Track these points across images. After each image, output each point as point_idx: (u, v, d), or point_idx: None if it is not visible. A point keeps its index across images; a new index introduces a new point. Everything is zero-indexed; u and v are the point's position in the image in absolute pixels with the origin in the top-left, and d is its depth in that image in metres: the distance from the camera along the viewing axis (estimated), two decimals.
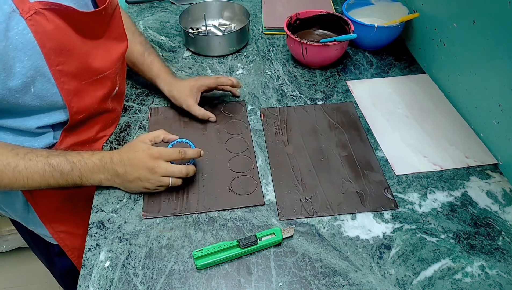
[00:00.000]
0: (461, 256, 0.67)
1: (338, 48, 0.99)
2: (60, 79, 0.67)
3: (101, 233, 0.70)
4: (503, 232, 0.70)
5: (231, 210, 0.73)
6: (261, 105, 0.94)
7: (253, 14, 1.25)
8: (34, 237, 0.93)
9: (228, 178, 0.78)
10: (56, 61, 0.65)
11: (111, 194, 0.75)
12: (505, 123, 0.78)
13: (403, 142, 0.85)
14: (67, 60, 0.67)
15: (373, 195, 0.75)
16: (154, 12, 1.27)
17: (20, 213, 0.84)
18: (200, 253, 0.64)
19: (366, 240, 0.69)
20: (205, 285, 0.63)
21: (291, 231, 0.68)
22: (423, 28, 1.03)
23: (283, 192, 0.76)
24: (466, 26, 0.86)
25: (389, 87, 0.99)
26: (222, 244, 0.65)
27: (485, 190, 0.76)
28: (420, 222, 0.71)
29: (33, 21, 0.59)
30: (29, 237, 0.96)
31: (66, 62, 0.67)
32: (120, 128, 0.88)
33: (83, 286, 0.62)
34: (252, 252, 0.66)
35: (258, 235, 0.67)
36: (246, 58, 1.08)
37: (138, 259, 0.66)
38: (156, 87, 0.93)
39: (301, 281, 0.63)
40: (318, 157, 0.82)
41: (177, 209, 0.73)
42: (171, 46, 1.12)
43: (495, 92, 0.79)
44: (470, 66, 0.86)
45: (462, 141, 0.85)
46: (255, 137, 0.86)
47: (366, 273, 0.64)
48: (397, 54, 1.09)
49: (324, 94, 0.97)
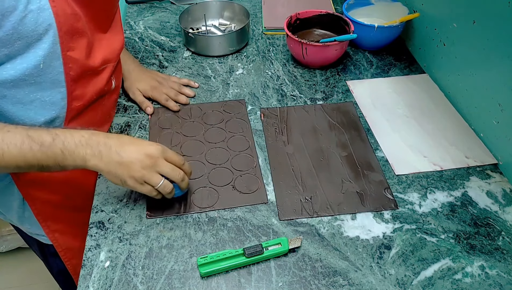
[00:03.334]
0: (461, 256, 0.67)
1: (338, 48, 0.99)
2: (68, 64, 0.67)
3: (101, 233, 0.70)
4: (503, 232, 0.70)
5: (231, 210, 0.73)
6: (261, 105, 0.94)
7: (253, 14, 1.25)
8: (29, 238, 0.93)
9: (230, 176, 0.78)
10: (67, 46, 0.65)
11: (111, 194, 0.75)
12: (505, 123, 0.78)
13: (403, 142, 0.85)
14: (77, 47, 0.68)
15: (373, 195, 0.75)
16: (154, 12, 1.27)
17: (16, 212, 0.83)
18: (205, 260, 0.63)
19: (366, 240, 0.69)
20: (205, 285, 0.63)
21: (299, 242, 0.67)
22: (423, 28, 1.03)
23: (283, 192, 0.76)
24: (466, 26, 0.86)
25: (389, 87, 0.99)
26: (227, 252, 0.64)
27: (485, 190, 0.76)
28: (420, 222, 0.71)
29: (55, 2, 0.60)
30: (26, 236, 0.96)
31: (76, 48, 0.67)
32: (120, 128, 0.88)
33: (83, 286, 0.62)
34: (257, 261, 0.66)
35: (264, 244, 0.65)
36: (246, 58, 1.08)
37: (138, 259, 0.66)
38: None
39: (301, 281, 0.63)
40: (318, 157, 0.82)
41: (181, 209, 0.73)
42: (171, 46, 1.12)
43: (495, 92, 0.79)
44: (470, 66, 0.86)
45: (462, 141, 0.85)
46: (255, 137, 0.86)
47: (366, 273, 0.64)
48: (397, 54, 1.09)
49: (324, 94, 0.97)
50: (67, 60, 0.66)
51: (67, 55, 0.66)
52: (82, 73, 0.71)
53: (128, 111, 0.92)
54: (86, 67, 0.71)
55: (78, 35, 0.67)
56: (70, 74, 0.68)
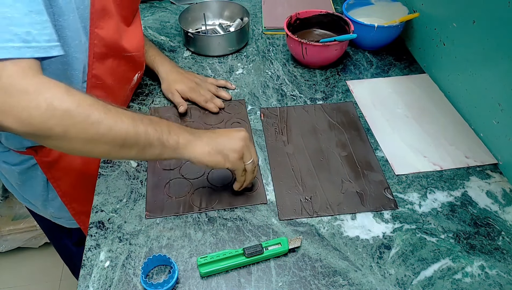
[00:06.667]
0: (461, 256, 0.67)
1: (338, 48, 0.99)
2: (93, 40, 0.71)
3: (101, 233, 0.70)
4: (503, 232, 0.70)
5: (231, 210, 0.73)
6: (261, 105, 0.94)
7: (253, 14, 1.25)
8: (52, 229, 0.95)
9: (230, 176, 0.78)
10: (96, 23, 0.69)
11: (111, 194, 0.75)
12: (505, 123, 0.78)
13: (403, 142, 0.85)
14: (105, 27, 0.71)
15: (373, 195, 0.75)
16: (154, 12, 1.27)
17: (40, 196, 0.85)
18: (204, 260, 0.63)
19: (366, 240, 0.69)
20: (205, 285, 0.63)
21: (298, 242, 0.67)
22: (423, 28, 1.03)
23: (283, 192, 0.76)
24: (466, 26, 0.86)
25: (389, 87, 0.99)
26: (226, 252, 0.64)
27: (485, 190, 0.76)
28: (420, 222, 0.71)
29: None
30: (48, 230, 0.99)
31: (104, 27, 0.71)
32: None
33: (83, 286, 0.63)
34: (257, 261, 0.66)
35: (264, 244, 0.65)
36: (246, 58, 1.08)
37: (138, 259, 0.66)
38: (155, 87, 0.94)
39: (301, 281, 0.63)
40: (318, 157, 0.82)
41: (180, 209, 0.73)
42: (171, 46, 1.12)
43: (495, 92, 0.79)
44: (470, 66, 0.86)
45: (462, 141, 0.85)
46: (255, 137, 0.86)
47: (366, 273, 0.64)
48: (397, 54, 1.09)
49: (324, 94, 0.97)
50: (93, 36, 0.70)
51: (94, 31, 0.70)
52: (107, 52, 0.75)
53: None
54: (111, 48, 0.75)
55: (108, 17, 0.71)
56: (94, 50, 0.72)
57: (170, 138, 0.62)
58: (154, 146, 0.61)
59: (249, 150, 0.69)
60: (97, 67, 0.75)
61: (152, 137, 0.60)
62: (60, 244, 1.06)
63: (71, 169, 0.84)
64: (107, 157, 0.75)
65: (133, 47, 0.81)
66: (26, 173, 0.83)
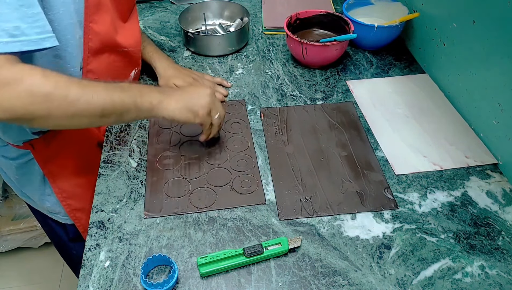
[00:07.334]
0: (461, 256, 0.67)
1: (338, 48, 0.99)
2: (88, 35, 0.71)
3: (101, 233, 0.70)
4: (503, 232, 0.70)
5: (231, 210, 0.73)
6: (261, 105, 0.94)
7: (253, 14, 1.25)
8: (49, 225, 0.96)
9: (229, 176, 0.78)
10: (91, 18, 0.70)
11: (111, 194, 0.75)
12: (505, 123, 0.78)
13: (403, 142, 0.85)
14: (100, 21, 0.72)
15: (373, 195, 0.75)
16: (154, 12, 1.27)
17: (37, 190, 0.86)
18: (204, 260, 0.63)
19: (366, 240, 0.69)
20: (205, 285, 0.63)
21: (298, 242, 0.67)
22: (423, 28, 1.03)
23: (283, 192, 0.76)
24: (466, 26, 0.86)
25: (389, 87, 0.99)
26: (226, 252, 0.64)
27: (485, 190, 0.76)
28: (420, 222, 0.71)
29: None
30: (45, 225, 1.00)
31: (99, 22, 0.72)
32: (120, 128, 0.88)
33: (83, 286, 0.62)
34: (257, 261, 0.66)
35: (264, 244, 0.66)
36: (246, 58, 1.08)
37: (138, 259, 0.66)
38: (154, 84, 0.95)
39: (301, 281, 0.63)
40: (318, 157, 0.82)
41: (179, 208, 0.73)
42: (171, 46, 1.12)
43: (495, 92, 0.79)
44: (470, 66, 0.86)
45: (462, 141, 0.85)
46: (255, 137, 0.86)
47: (366, 273, 0.64)
48: (397, 54, 1.09)
49: (324, 94, 0.97)
50: (88, 30, 0.71)
51: (89, 25, 0.70)
52: (102, 47, 0.75)
53: None
54: (106, 43, 0.76)
55: (103, 11, 0.72)
56: (89, 44, 0.72)
57: (143, 100, 0.67)
58: (130, 111, 0.66)
59: (215, 105, 0.74)
60: (92, 62, 0.75)
61: (127, 103, 0.65)
62: (57, 239, 1.07)
63: (67, 166, 0.85)
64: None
65: (129, 43, 0.82)
66: (24, 167, 0.84)
